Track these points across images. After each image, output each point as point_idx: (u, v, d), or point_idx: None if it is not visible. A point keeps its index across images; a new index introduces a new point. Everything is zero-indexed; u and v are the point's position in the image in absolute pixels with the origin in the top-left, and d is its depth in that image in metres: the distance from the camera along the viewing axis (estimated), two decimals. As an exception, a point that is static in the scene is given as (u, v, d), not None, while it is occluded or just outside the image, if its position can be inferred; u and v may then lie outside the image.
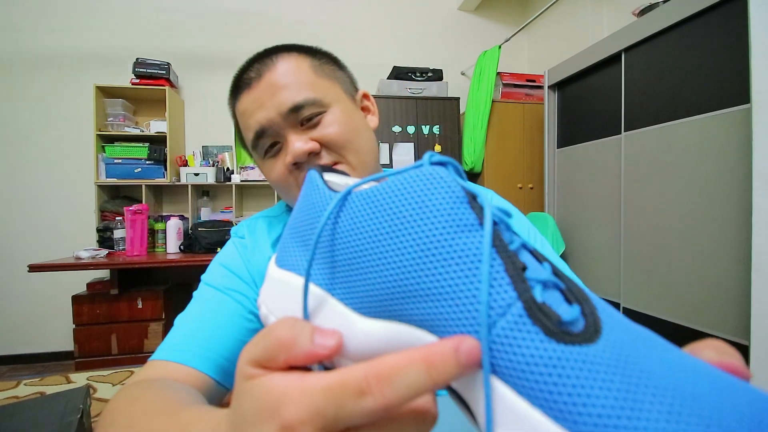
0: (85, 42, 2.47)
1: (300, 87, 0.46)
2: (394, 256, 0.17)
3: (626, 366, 0.13)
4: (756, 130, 1.12)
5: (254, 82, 0.47)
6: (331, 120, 0.47)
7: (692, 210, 1.37)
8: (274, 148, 0.48)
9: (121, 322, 1.96)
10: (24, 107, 2.40)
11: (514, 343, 0.14)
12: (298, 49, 0.50)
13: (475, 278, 0.15)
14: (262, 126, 0.46)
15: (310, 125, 0.47)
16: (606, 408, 0.13)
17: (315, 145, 0.45)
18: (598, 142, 1.83)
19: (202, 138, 2.65)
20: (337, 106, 0.48)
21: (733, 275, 1.23)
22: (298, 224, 0.23)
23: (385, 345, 0.18)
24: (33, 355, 2.43)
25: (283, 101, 0.45)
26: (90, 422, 0.65)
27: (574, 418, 0.13)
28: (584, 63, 1.86)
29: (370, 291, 0.18)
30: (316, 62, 0.50)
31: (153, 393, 0.32)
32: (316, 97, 0.46)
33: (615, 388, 0.13)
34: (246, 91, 0.48)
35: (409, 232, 0.17)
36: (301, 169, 0.46)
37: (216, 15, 2.64)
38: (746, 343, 1.17)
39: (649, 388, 0.13)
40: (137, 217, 2.11)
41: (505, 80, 2.48)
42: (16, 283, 2.38)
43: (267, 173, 0.50)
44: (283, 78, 0.47)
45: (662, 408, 0.12)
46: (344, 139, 0.47)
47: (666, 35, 1.47)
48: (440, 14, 2.98)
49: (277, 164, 0.48)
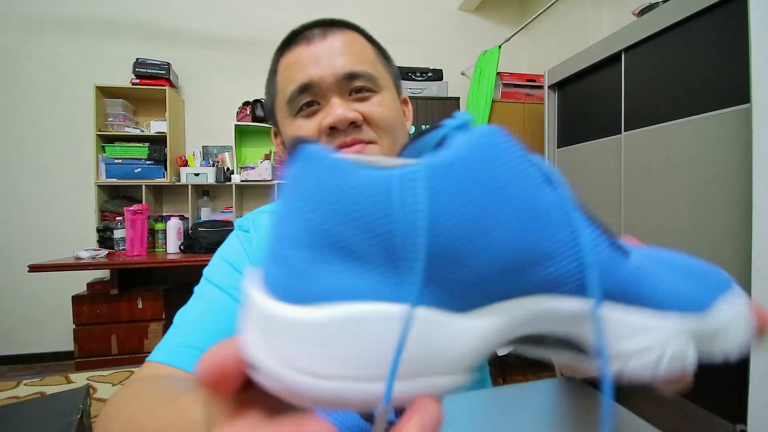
0: (85, 42, 2.47)
1: (361, 60, 0.47)
2: (502, 225, 0.15)
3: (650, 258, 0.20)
4: (756, 130, 1.12)
5: (316, 40, 0.47)
6: (380, 101, 0.47)
7: (692, 210, 1.37)
8: (310, 108, 0.47)
9: (121, 322, 1.97)
10: (24, 107, 2.40)
11: (612, 267, 0.17)
12: (364, 34, 0.51)
13: (568, 225, 0.16)
14: (311, 80, 0.45)
15: (357, 97, 0.47)
16: (666, 285, 0.19)
17: (359, 116, 0.45)
18: (598, 142, 1.83)
19: (202, 138, 2.65)
20: (387, 94, 0.49)
21: (733, 275, 1.23)
22: (327, 224, 0.14)
23: (498, 332, 0.16)
24: (33, 355, 2.43)
25: (341, 64, 0.45)
26: (90, 422, 0.65)
27: (659, 299, 0.18)
28: (584, 63, 1.86)
29: (467, 279, 0.15)
30: (381, 53, 0.51)
31: (153, 385, 0.33)
32: (374, 75, 0.47)
33: (656, 270, 0.19)
34: (304, 44, 0.47)
35: (506, 197, 0.15)
36: (333, 137, 0.45)
37: (216, 15, 2.64)
38: (746, 343, 1.17)
39: (659, 264, 0.20)
40: (137, 217, 2.11)
41: (505, 80, 2.48)
42: (16, 283, 2.38)
43: (292, 131, 0.48)
44: (347, 46, 0.47)
45: (669, 272, 0.20)
46: (388, 124, 0.47)
47: (666, 35, 1.47)
48: (440, 14, 2.98)
49: (307, 124, 0.47)
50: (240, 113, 2.57)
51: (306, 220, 0.14)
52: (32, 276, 2.15)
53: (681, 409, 0.44)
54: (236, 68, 2.68)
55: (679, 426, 0.41)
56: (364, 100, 0.47)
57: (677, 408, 0.44)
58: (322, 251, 0.14)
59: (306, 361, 0.13)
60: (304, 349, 0.13)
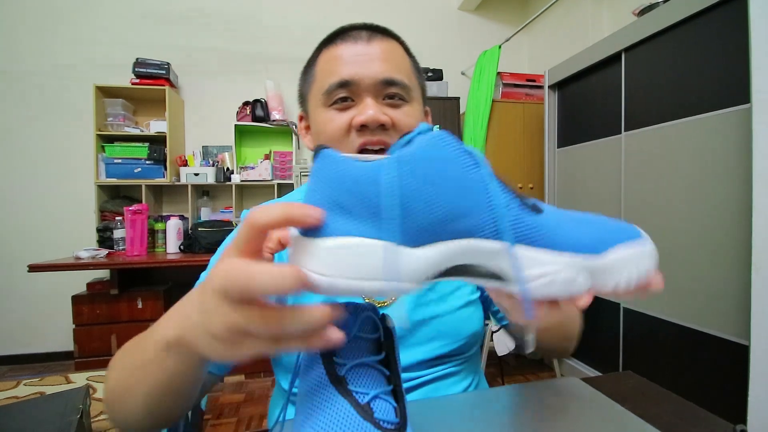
0: (85, 42, 2.47)
1: (399, 69, 0.51)
2: (442, 193, 0.24)
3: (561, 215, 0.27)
4: (756, 130, 1.12)
5: (362, 41, 0.51)
6: (409, 111, 0.51)
7: (692, 210, 1.37)
8: (344, 102, 0.50)
9: (121, 322, 1.97)
10: (24, 107, 2.40)
11: (520, 219, 0.25)
12: (404, 45, 0.56)
13: (486, 192, 0.25)
14: (352, 78, 0.49)
15: (389, 103, 0.50)
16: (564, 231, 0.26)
17: (389, 120, 0.49)
18: (598, 142, 1.83)
19: (202, 138, 2.65)
20: (416, 106, 0.53)
21: (733, 275, 1.23)
22: (335, 196, 0.24)
23: (438, 261, 0.25)
24: (33, 355, 2.43)
25: (382, 70, 0.49)
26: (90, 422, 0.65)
27: (557, 243, 0.25)
28: (584, 63, 1.86)
29: (421, 226, 0.24)
30: (415, 66, 0.56)
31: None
32: (408, 85, 0.51)
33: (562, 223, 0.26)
34: (350, 42, 0.51)
35: (449, 174, 0.24)
36: (362, 133, 0.49)
37: (216, 15, 2.64)
38: (746, 343, 1.17)
39: (568, 221, 0.26)
40: (137, 217, 2.11)
41: (505, 80, 2.48)
42: (16, 283, 2.38)
43: (323, 121, 0.51)
44: (388, 53, 0.51)
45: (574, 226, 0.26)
46: None
47: (666, 35, 1.47)
48: (440, 14, 2.99)
49: (339, 117, 0.50)
50: (240, 113, 2.57)
51: (324, 193, 0.24)
52: (32, 276, 2.15)
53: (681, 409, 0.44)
54: (236, 68, 2.68)
55: (679, 426, 0.41)
56: (395, 107, 0.50)
57: (677, 408, 0.44)
58: (334, 210, 0.24)
59: (323, 268, 0.23)
60: (322, 261, 0.23)
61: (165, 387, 0.33)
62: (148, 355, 0.32)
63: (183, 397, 0.36)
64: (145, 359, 0.32)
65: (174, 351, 0.29)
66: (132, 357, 0.35)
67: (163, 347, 0.30)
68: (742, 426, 0.38)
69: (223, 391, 1.99)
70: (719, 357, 1.27)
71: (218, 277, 0.22)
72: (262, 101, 2.51)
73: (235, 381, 2.09)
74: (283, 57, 2.71)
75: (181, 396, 0.35)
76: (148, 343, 0.32)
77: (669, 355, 1.46)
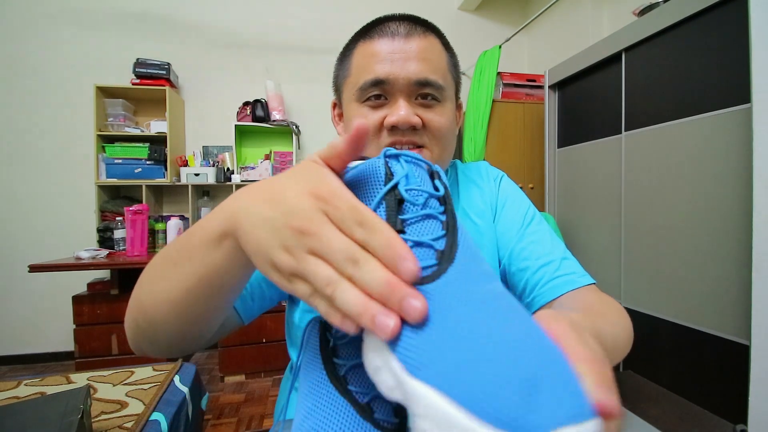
0: (85, 41, 2.47)
1: (436, 69, 0.50)
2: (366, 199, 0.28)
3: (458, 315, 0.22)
4: (756, 130, 1.12)
5: (399, 38, 0.50)
6: (441, 111, 0.52)
7: (692, 210, 1.37)
8: (378, 100, 0.50)
9: (122, 322, 1.95)
10: (24, 107, 2.40)
11: None
12: (443, 40, 0.55)
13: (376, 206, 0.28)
14: (387, 78, 0.49)
15: (422, 103, 0.51)
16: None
17: (419, 122, 0.49)
18: (598, 142, 1.83)
19: (202, 138, 2.65)
20: (448, 105, 0.53)
21: (733, 275, 1.23)
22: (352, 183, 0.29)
23: None
24: (33, 355, 2.43)
25: (417, 70, 0.49)
26: (90, 422, 0.65)
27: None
28: (584, 63, 1.86)
29: None
30: (451, 61, 0.55)
31: None
32: (443, 85, 0.51)
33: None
34: (388, 38, 0.50)
35: (368, 188, 0.29)
36: (393, 133, 0.49)
37: (216, 15, 2.64)
38: (746, 343, 1.17)
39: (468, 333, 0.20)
40: (137, 217, 2.11)
41: (506, 80, 2.48)
42: (17, 283, 2.38)
43: (356, 115, 0.52)
44: (426, 52, 0.50)
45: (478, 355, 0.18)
46: (441, 135, 0.52)
47: (666, 35, 1.47)
48: (440, 14, 2.98)
49: (371, 115, 0.51)
50: (240, 113, 2.57)
51: None
52: (32, 276, 2.15)
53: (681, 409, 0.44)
54: (236, 68, 2.68)
55: (679, 426, 0.41)
56: (427, 107, 0.51)
57: (677, 408, 0.44)
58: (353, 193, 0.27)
59: None
60: None
61: (204, 283, 0.32)
62: (192, 250, 0.31)
63: (215, 305, 0.35)
64: (191, 253, 0.31)
65: (226, 243, 0.29)
66: (174, 253, 0.34)
67: (215, 238, 0.29)
68: (742, 426, 0.38)
69: (223, 391, 1.99)
70: (719, 357, 1.27)
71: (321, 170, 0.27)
72: (262, 101, 2.51)
73: (235, 381, 2.10)
74: (284, 57, 2.71)
75: (214, 302, 0.34)
76: (194, 238, 0.31)
77: (669, 355, 1.46)
